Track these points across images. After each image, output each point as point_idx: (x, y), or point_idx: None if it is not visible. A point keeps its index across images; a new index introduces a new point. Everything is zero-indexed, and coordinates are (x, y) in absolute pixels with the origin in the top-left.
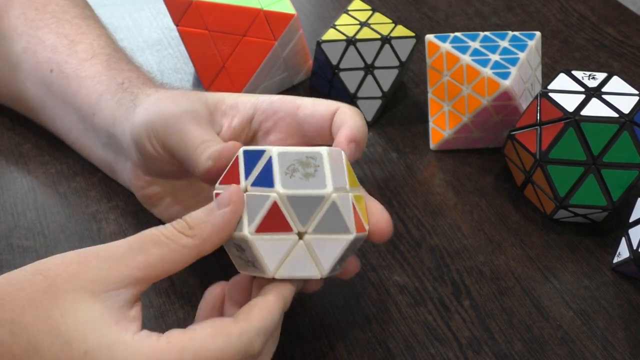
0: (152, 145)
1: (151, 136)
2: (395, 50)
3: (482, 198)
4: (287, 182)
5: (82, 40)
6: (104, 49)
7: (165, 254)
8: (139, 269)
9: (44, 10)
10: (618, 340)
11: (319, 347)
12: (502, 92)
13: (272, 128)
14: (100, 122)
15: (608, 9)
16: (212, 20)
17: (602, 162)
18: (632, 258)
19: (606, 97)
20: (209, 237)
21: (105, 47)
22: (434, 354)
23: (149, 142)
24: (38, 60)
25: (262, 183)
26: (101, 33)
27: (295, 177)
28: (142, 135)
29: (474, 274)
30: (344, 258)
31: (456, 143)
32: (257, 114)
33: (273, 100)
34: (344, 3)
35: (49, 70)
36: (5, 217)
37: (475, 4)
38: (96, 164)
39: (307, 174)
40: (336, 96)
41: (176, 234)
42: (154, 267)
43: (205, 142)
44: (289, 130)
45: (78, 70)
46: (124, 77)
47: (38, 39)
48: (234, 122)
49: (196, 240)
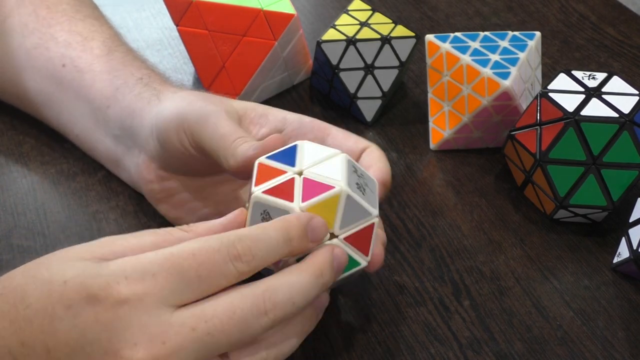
0: (179, 139)
1: (180, 130)
2: (395, 50)
3: (482, 198)
4: (351, 182)
5: (96, 37)
6: (119, 47)
7: (158, 242)
8: (130, 249)
9: (56, 9)
10: (618, 340)
11: (319, 347)
12: (502, 92)
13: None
14: (115, 114)
15: (608, 9)
16: (212, 20)
17: (602, 162)
18: (632, 258)
19: (606, 97)
20: (203, 232)
21: (120, 45)
22: (434, 354)
23: (177, 136)
24: (50, 56)
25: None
26: (114, 32)
27: (357, 181)
28: (170, 129)
29: (474, 274)
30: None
31: (456, 143)
32: (287, 129)
33: (304, 120)
34: (344, 3)
35: (61, 65)
36: (5, 217)
37: (475, 4)
38: (99, 158)
39: (362, 187)
40: (336, 96)
41: (173, 229)
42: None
43: (242, 137)
44: None
45: (93, 64)
46: (142, 73)
47: (50, 35)
48: (262, 131)
49: (191, 235)
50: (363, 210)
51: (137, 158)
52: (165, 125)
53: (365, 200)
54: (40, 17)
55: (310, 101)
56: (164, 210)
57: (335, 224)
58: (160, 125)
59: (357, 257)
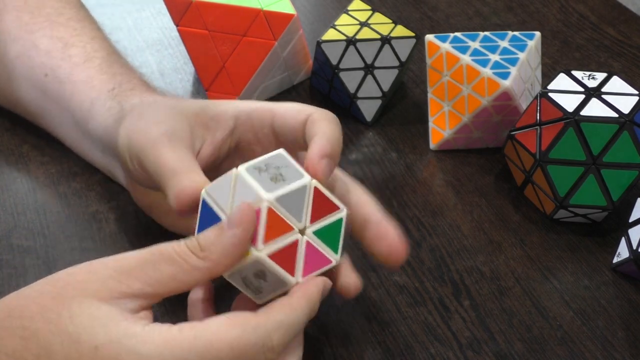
0: (132, 165)
1: (132, 157)
2: (395, 50)
3: (482, 198)
4: (268, 187)
5: (76, 43)
6: (97, 52)
7: (176, 273)
8: (149, 284)
9: (39, 13)
10: (618, 340)
11: (319, 347)
12: (502, 92)
13: (253, 140)
14: (94, 129)
15: (608, 9)
16: (212, 20)
17: (602, 162)
18: (632, 258)
19: (606, 97)
20: (219, 259)
21: (99, 49)
22: (434, 354)
23: (130, 162)
24: (32, 65)
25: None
26: (95, 35)
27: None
28: (125, 154)
29: (474, 274)
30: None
31: (456, 143)
32: (237, 125)
33: (252, 110)
34: (344, 3)
35: (44, 75)
36: (5, 217)
37: (475, 4)
38: (97, 167)
39: (277, 176)
40: (336, 96)
41: (188, 253)
42: (164, 284)
43: (177, 176)
44: (268, 140)
45: (72, 74)
46: (115, 82)
47: (32, 43)
48: (217, 135)
49: (207, 263)
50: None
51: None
52: (121, 151)
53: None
54: (23, 22)
55: (310, 101)
56: (157, 219)
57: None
58: (118, 150)
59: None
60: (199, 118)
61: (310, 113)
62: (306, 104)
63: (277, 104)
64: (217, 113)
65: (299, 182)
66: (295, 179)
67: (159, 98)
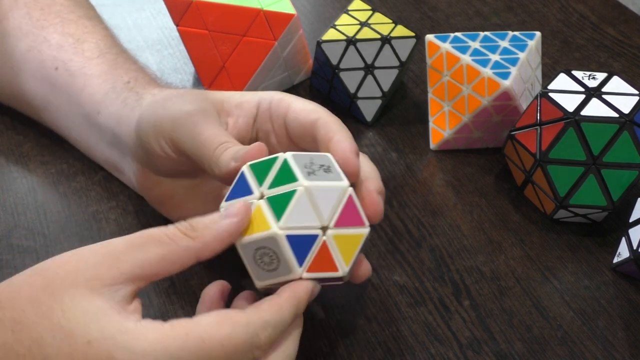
0: (159, 146)
1: (159, 137)
2: (395, 50)
3: (482, 198)
4: (308, 177)
5: (89, 39)
6: (110, 49)
7: (165, 254)
8: (138, 266)
9: (49, 10)
10: (618, 340)
11: (319, 347)
12: (502, 92)
13: (271, 130)
14: (105, 120)
15: (608, 9)
16: (212, 20)
17: (602, 162)
18: (632, 258)
19: (606, 97)
20: (210, 241)
21: (112, 46)
22: (434, 354)
23: (157, 143)
24: (43, 59)
25: (282, 182)
26: (107, 34)
27: (311, 172)
28: (150, 136)
29: (474, 274)
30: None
31: (456, 143)
32: (258, 113)
33: (272, 99)
34: (344, 3)
35: (54, 68)
36: (5, 217)
37: (475, 4)
38: (100, 162)
39: (319, 171)
40: (336, 96)
41: (179, 234)
42: (153, 265)
43: (224, 144)
44: (282, 132)
45: (84, 67)
46: (130, 76)
47: (43, 38)
48: (239, 121)
49: (197, 243)
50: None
51: (131, 165)
52: (144, 133)
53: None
54: (34, 19)
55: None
56: (165, 212)
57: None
58: (140, 134)
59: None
60: (224, 105)
61: (319, 117)
62: (319, 105)
63: (295, 99)
64: (241, 102)
65: (338, 183)
66: (334, 179)
67: (180, 89)
